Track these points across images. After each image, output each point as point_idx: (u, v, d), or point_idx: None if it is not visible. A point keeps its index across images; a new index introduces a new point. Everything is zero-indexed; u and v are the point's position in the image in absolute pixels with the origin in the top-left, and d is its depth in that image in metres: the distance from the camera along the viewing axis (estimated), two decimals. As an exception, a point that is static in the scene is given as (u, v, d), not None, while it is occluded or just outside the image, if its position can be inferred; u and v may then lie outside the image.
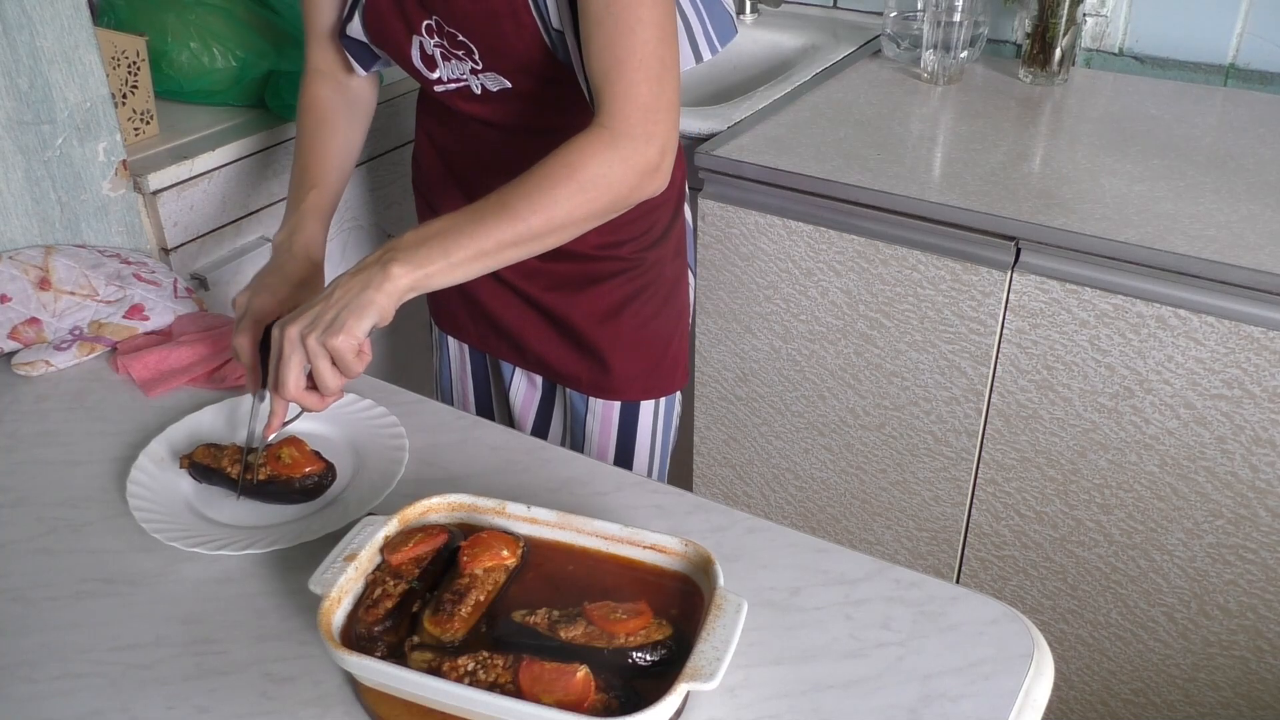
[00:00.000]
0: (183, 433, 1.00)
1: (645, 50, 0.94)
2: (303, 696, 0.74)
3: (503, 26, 1.03)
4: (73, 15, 1.18)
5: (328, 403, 0.92)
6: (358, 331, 0.87)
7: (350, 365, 0.88)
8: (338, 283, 0.90)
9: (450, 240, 0.91)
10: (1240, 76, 1.68)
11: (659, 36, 0.95)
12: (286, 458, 0.93)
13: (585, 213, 0.95)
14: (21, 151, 1.17)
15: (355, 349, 0.87)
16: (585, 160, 0.94)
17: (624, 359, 1.26)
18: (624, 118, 0.95)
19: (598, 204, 0.96)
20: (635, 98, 0.95)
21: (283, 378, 0.88)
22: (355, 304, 0.87)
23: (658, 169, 0.98)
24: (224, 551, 0.85)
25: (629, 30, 0.94)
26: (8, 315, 1.13)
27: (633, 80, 0.95)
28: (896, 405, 1.50)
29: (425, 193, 1.31)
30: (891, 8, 1.78)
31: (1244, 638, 1.37)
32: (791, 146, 1.51)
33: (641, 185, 0.97)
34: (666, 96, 0.96)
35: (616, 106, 0.95)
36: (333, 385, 0.89)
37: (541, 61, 1.05)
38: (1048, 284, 1.31)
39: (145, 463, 0.95)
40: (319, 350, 0.87)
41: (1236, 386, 1.25)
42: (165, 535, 0.86)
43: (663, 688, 0.65)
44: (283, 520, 0.90)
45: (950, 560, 1.57)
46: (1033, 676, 0.73)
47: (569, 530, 0.79)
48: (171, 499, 0.92)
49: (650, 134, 0.96)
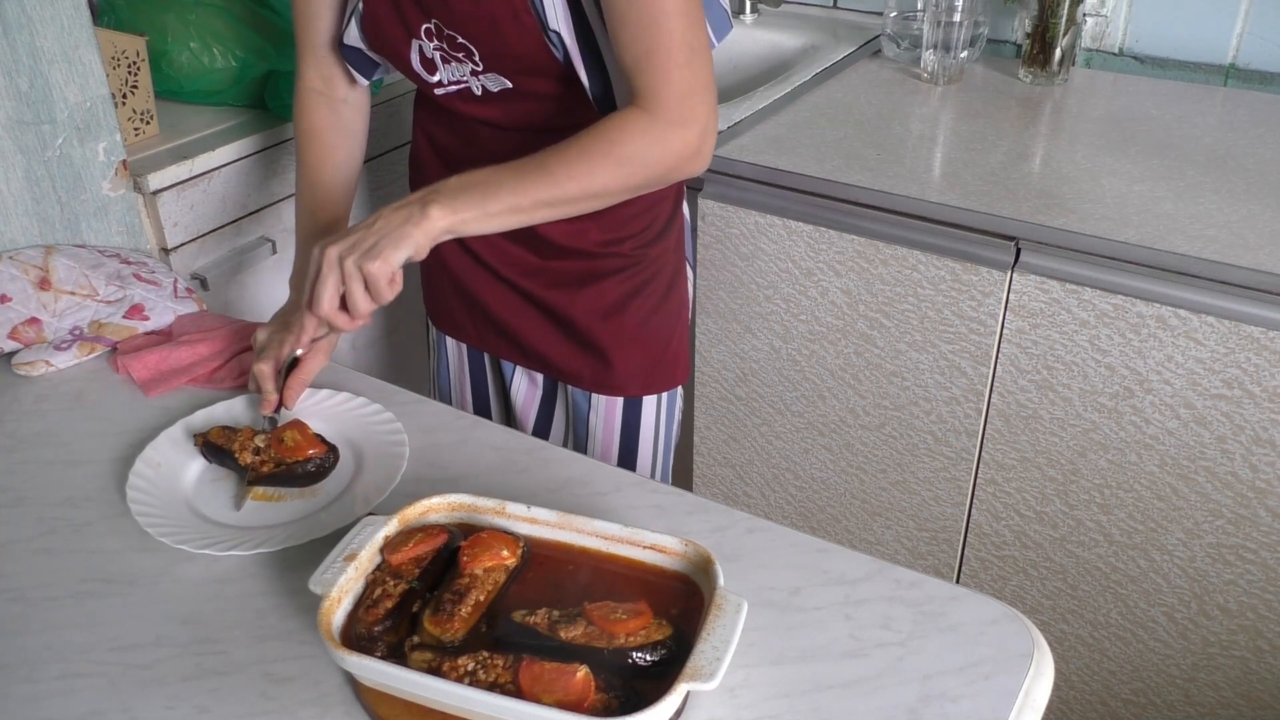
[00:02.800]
0: (180, 432, 1.00)
1: (673, 39, 0.96)
2: (303, 696, 0.74)
3: (503, 28, 1.03)
4: (73, 15, 1.18)
5: (356, 324, 0.96)
6: (394, 260, 0.92)
7: (382, 291, 0.93)
8: (380, 214, 0.95)
9: (490, 191, 0.95)
10: (1240, 76, 1.68)
11: (686, 24, 0.96)
12: (290, 441, 0.94)
13: (620, 186, 0.99)
14: (21, 151, 1.17)
15: (389, 276, 0.92)
16: (626, 139, 0.97)
17: (625, 355, 1.26)
18: (660, 104, 0.98)
19: (633, 179, 0.99)
20: (669, 84, 0.97)
21: (318, 294, 0.93)
22: (394, 234, 0.92)
23: (698, 151, 1.00)
24: (234, 552, 0.85)
25: (655, 22, 0.95)
26: (8, 315, 1.13)
27: (664, 68, 0.97)
28: (896, 405, 1.50)
29: (422, 193, 1.31)
30: (891, 8, 1.78)
31: (1244, 638, 1.37)
32: (791, 146, 1.51)
33: (680, 167, 1.01)
34: (701, 80, 0.98)
35: (652, 94, 0.98)
36: (363, 308, 0.93)
37: (543, 61, 1.05)
38: (1048, 284, 1.31)
39: (142, 467, 0.94)
40: (355, 272, 0.92)
41: (1236, 386, 1.25)
42: (172, 538, 0.86)
43: (663, 688, 0.65)
44: (284, 520, 0.90)
45: (950, 560, 1.57)
46: (1033, 676, 0.73)
47: (569, 530, 0.79)
48: (172, 499, 0.92)
49: (687, 119, 0.98)
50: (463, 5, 1.03)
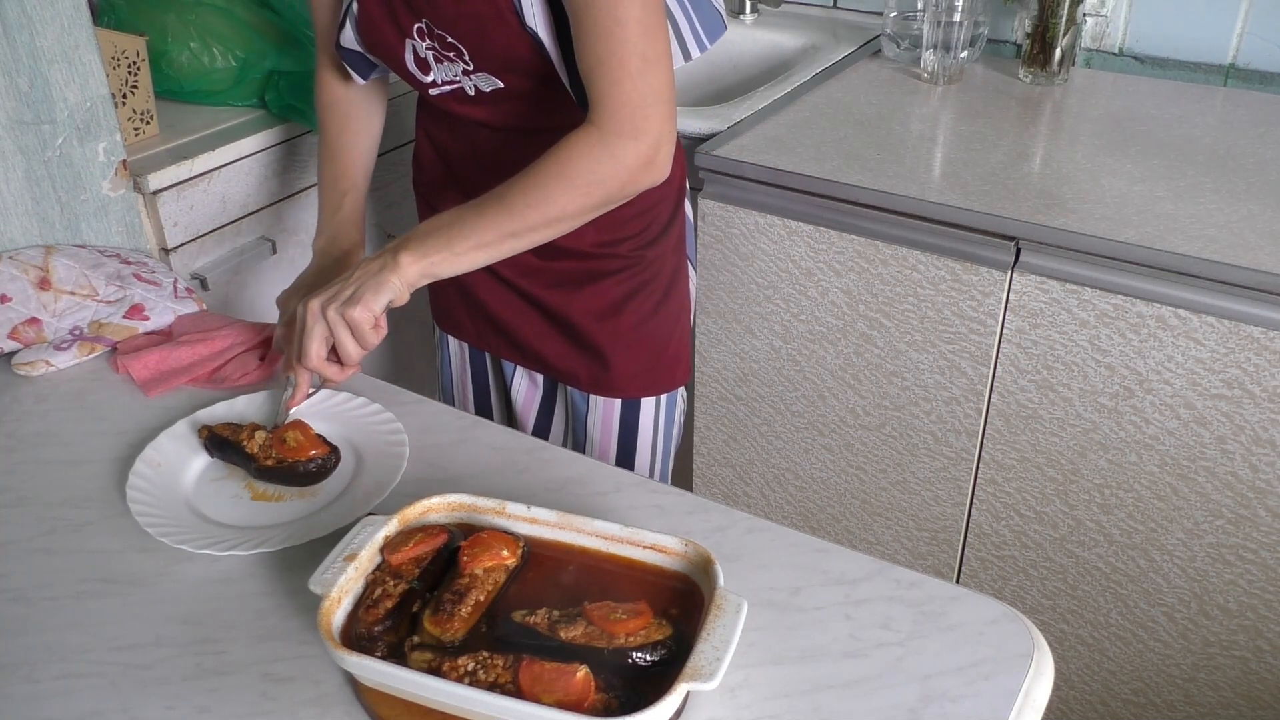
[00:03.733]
0: (184, 428, 1.00)
1: (626, 48, 0.94)
2: (303, 696, 0.74)
3: (488, 27, 1.03)
4: (73, 15, 1.18)
5: (347, 373, 0.99)
6: (374, 305, 0.94)
7: (366, 336, 0.95)
8: (357, 265, 0.98)
9: (454, 232, 0.97)
10: (1240, 76, 1.68)
11: (641, 32, 0.94)
12: (291, 441, 0.94)
13: (579, 208, 0.98)
14: (21, 151, 1.17)
15: (372, 321, 0.95)
16: (575, 159, 0.97)
17: (623, 356, 1.26)
18: (611, 115, 0.96)
19: (590, 199, 0.98)
20: (620, 95, 0.96)
21: (305, 348, 0.96)
22: (372, 282, 0.95)
23: (652, 162, 0.99)
24: (234, 552, 0.85)
25: (607, 31, 0.94)
26: (8, 315, 1.13)
27: (615, 79, 0.95)
28: (896, 405, 1.50)
29: (425, 193, 1.31)
30: (891, 8, 1.78)
31: (1244, 638, 1.37)
32: (791, 146, 1.51)
33: (636, 180, 0.99)
34: (654, 90, 0.96)
35: (603, 105, 0.96)
36: (353, 355, 0.96)
37: (530, 61, 1.05)
38: (1048, 284, 1.31)
39: (142, 467, 0.94)
40: (339, 320, 0.94)
41: (1236, 386, 1.25)
42: (172, 538, 0.86)
43: (663, 688, 0.65)
44: (284, 520, 0.90)
45: (950, 560, 1.57)
46: (1033, 676, 0.73)
47: (569, 530, 0.79)
48: (172, 499, 0.92)
49: (639, 130, 0.96)
50: (449, 5, 1.03)
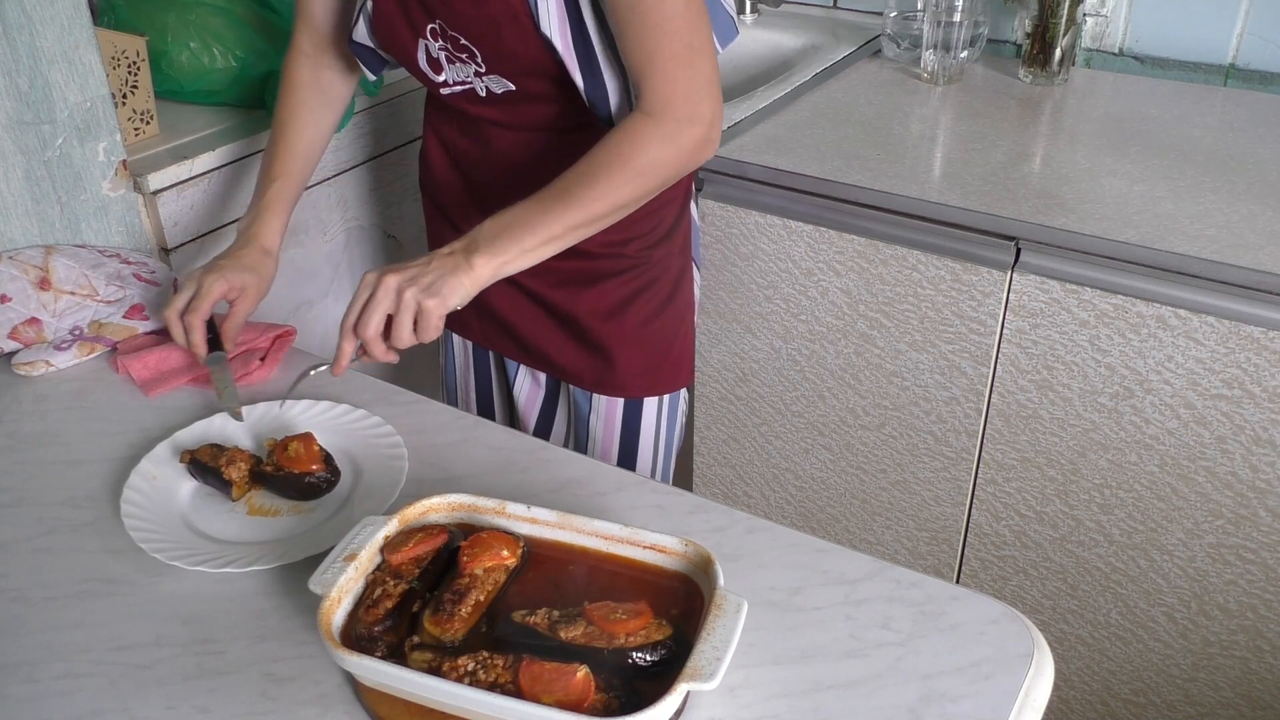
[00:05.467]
0: (184, 439, 0.99)
1: (675, 42, 0.99)
2: (303, 696, 0.74)
3: (503, 30, 1.03)
4: (73, 15, 1.18)
5: (391, 356, 0.97)
6: (450, 302, 0.94)
7: (430, 328, 0.94)
8: (433, 255, 0.97)
9: (523, 228, 0.98)
10: (1240, 76, 1.68)
11: (686, 25, 0.99)
12: (293, 452, 0.93)
13: (643, 193, 1.02)
14: (21, 151, 1.17)
15: (443, 315, 0.95)
16: (637, 148, 1.00)
17: (628, 355, 1.26)
18: (666, 104, 1.00)
19: (653, 183, 1.02)
20: (672, 86, 1.00)
21: (367, 318, 0.94)
22: (450, 279, 0.94)
23: (707, 140, 1.03)
24: (228, 569, 0.83)
25: (656, 26, 0.98)
26: (8, 315, 1.13)
27: (668, 71, 0.99)
28: (896, 405, 1.50)
29: (432, 192, 1.31)
30: (891, 8, 1.78)
31: (1244, 638, 1.37)
32: (791, 146, 1.51)
33: (694, 159, 1.04)
34: (703, 76, 1.01)
35: (658, 95, 1.00)
36: (406, 341, 0.95)
37: (543, 65, 1.06)
38: (1048, 284, 1.31)
39: (137, 480, 0.93)
40: (412, 305, 0.93)
41: (1236, 386, 1.25)
42: (166, 554, 0.85)
43: (663, 688, 0.65)
44: (277, 536, 0.89)
45: (950, 560, 1.57)
46: (1033, 676, 0.73)
47: (569, 530, 0.79)
48: (166, 514, 0.91)
49: (695, 115, 1.01)
50: (464, 7, 1.03)
